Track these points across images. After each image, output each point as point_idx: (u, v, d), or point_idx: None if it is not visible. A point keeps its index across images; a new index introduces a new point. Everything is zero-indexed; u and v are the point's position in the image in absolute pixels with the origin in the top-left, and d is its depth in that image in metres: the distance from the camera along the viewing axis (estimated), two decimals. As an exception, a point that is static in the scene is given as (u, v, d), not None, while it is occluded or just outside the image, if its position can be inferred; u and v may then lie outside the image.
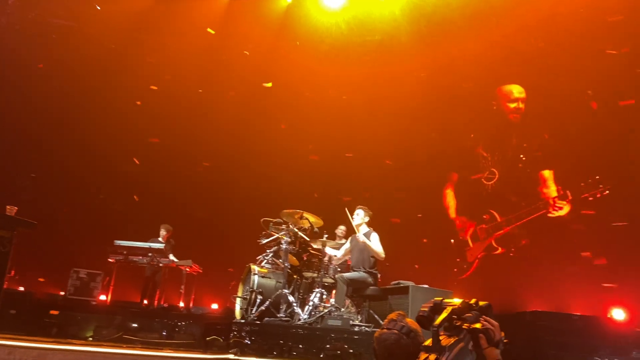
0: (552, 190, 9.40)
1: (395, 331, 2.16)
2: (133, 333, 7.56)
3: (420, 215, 10.75)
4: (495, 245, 10.14)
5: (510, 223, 9.94)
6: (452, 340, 1.92)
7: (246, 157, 11.68)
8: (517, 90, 10.27)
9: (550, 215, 9.27)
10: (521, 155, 9.99)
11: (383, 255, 5.95)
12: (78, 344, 4.35)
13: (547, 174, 9.53)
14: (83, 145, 11.07)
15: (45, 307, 8.02)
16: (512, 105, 10.20)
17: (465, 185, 10.81)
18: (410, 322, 2.22)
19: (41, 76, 10.86)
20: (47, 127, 10.83)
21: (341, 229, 6.65)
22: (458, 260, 10.53)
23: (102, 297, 9.04)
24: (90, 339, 7.22)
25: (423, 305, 2.22)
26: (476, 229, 10.49)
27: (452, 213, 10.92)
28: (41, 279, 10.34)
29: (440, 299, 2.16)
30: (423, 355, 1.92)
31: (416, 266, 9.79)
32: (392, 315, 2.25)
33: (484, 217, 10.35)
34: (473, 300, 2.08)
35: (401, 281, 5.85)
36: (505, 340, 2.01)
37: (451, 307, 2.03)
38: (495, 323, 1.98)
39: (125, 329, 7.60)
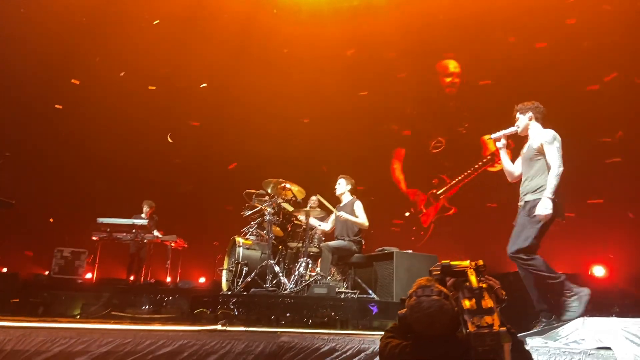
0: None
1: (435, 297, 2.10)
2: (121, 309, 7.57)
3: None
4: (448, 206, 10.46)
5: (459, 182, 10.33)
6: (490, 301, 2.00)
7: (225, 126, 11.57)
8: (452, 65, 10.80)
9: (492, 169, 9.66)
10: (465, 124, 10.38)
11: (366, 224, 6.00)
12: (64, 322, 4.33)
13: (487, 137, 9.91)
14: (62, 123, 10.84)
15: (31, 287, 7.97)
16: (448, 80, 10.79)
17: (413, 157, 11.06)
18: (440, 285, 2.19)
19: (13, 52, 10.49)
20: (23, 105, 10.54)
21: (313, 200, 6.67)
22: (414, 228, 10.79)
23: (88, 275, 9.01)
24: (78, 316, 7.22)
25: (432, 268, 2.27)
26: (428, 196, 10.79)
27: (403, 187, 11.20)
28: (29, 253, 10.23)
29: (448, 261, 2.22)
30: (475, 320, 1.95)
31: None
32: (422, 281, 2.19)
33: (433, 182, 10.73)
34: (481, 262, 2.16)
35: (386, 247, 5.92)
36: (505, 297, 2.08)
37: (470, 269, 2.14)
38: (497, 281, 2.07)
39: (113, 305, 7.60)
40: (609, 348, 3.66)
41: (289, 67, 11.24)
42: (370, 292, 5.62)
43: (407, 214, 10.91)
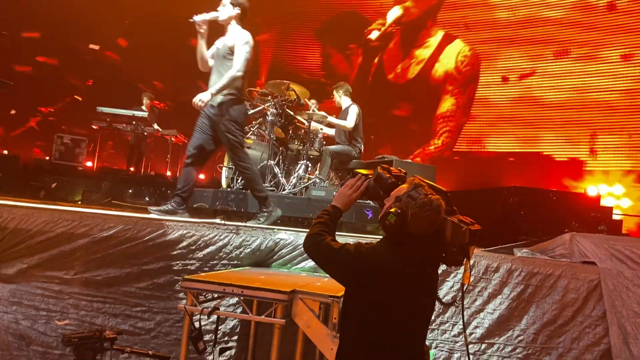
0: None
1: (437, 196, 2.07)
2: (121, 199, 7.74)
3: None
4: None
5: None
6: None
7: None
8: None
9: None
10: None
11: (348, 126, 5.99)
12: (66, 205, 4.42)
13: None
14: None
15: (31, 171, 8.08)
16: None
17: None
18: None
19: None
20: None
21: (313, 102, 6.59)
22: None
23: (88, 164, 9.10)
24: (79, 202, 7.39)
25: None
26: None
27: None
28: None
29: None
30: (460, 217, 2.12)
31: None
32: (417, 180, 2.11)
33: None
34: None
35: (385, 155, 5.94)
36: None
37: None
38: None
39: (113, 194, 7.76)
40: (593, 263, 3.81)
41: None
42: (367, 198, 5.72)
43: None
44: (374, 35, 11.78)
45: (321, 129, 5.95)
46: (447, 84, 11.00)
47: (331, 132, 6.26)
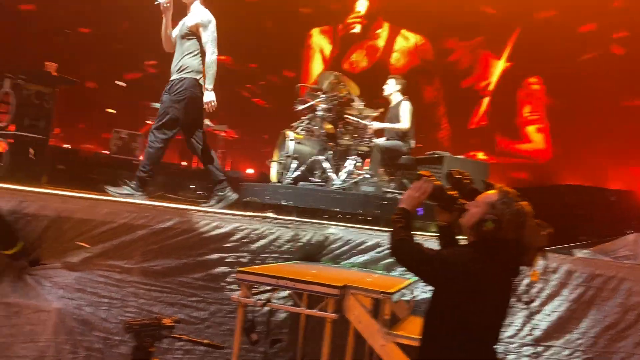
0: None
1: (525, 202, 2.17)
2: (173, 192, 7.97)
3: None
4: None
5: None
6: None
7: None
8: None
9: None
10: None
11: (405, 126, 5.90)
12: (123, 197, 4.59)
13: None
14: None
15: (91, 164, 8.45)
16: None
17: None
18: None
19: None
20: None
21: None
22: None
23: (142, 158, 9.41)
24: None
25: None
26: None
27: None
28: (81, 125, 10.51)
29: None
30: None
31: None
32: (504, 186, 2.20)
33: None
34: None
35: (437, 152, 5.85)
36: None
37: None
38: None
39: (166, 187, 8.00)
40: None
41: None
42: (417, 194, 5.64)
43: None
44: (357, 28, 12.15)
45: (371, 124, 5.90)
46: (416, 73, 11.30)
47: (381, 126, 6.20)
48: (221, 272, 3.86)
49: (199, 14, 4.40)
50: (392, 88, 6.16)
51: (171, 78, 4.48)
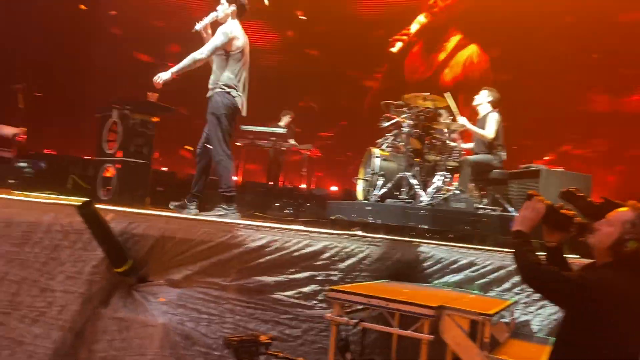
0: None
1: None
2: (262, 211, 8.23)
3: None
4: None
5: None
6: None
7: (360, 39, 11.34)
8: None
9: None
10: None
11: (489, 136, 5.74)
12: (219, 217, 4.80)
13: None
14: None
15: (187, 186, 8.96)
16: None
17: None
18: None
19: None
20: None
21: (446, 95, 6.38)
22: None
23: (234, 178, 9.82)
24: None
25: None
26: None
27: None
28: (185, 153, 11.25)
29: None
30: None
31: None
32: (636, 202, 2.12)
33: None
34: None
35: (532, 165, 5.57)
36: None
37: None
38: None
39: (255, 206, 8.28)
40: None
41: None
42: (512, 210, 5.40)
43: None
44: (397, 47, 11.87)
45: (460, 139, 5.76)
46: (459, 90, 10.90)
47: (468, 146, 6.07)
48: (312, 290, 3.89)
49: (223, 27, 4.66)
50: (482, 99, 6.03)
51: (208, 95, 4.76)
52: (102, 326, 3.53)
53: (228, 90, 4.67)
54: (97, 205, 3.59)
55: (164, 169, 10.34)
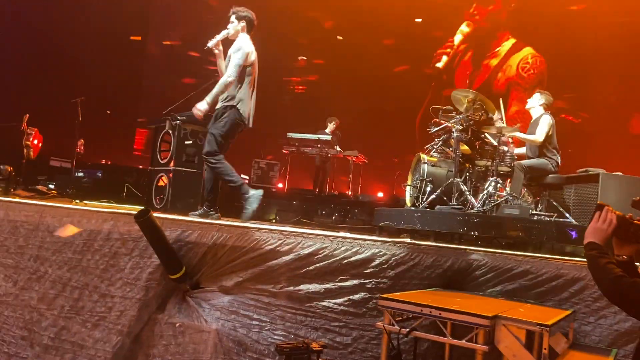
0: None
1: None
2: (309, 217, 8.27)
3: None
4: None
5: None
6: None
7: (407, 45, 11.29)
8: None
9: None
10: None
11: (538, 140, 5.58)
12: (269, 224, 4.88)
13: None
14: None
15: (235, 193, 9.13)
16: None
17: None
18: None
19: None
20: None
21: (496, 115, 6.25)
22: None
23: (280, 185, 9.96)
24: (274, 220, 8.10)
25: None
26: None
27: None
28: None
29: None
30: None
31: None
32: None
33: None
34: None
35: (589, 168, 5.34)
36: None
37: None
38: None
39: (302, 212, 8.34)
40: None
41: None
42: (568, 215, 5.20)
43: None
44: (442, 61, 11.96)
45: (511, 143, 5.61)
46: (511, 90, 11.01)
47: (520, 151, 5.90)
48: (362, 297, 3.87)
49: (236, 43, 4.80)
50: (535, 102, 5.88)
51: (217, 107, 4.85)
52: (158, 331, 3.64)
53: (238, 103, 4.81)
54: (153, 214, 3.71)
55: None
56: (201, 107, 4.70)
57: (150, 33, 12.92)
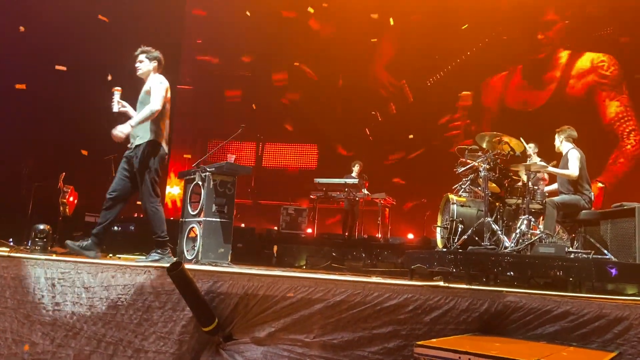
0: None
1: None
2: (340, 262, 8.21)
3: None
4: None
5: None
6: None
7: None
8: None
9: None
10: None
11: (573, 174, 5.48)
12: (299, 272, 4.86)
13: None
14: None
15: (264, 241, 9.18)
16: None
17: None
18: None
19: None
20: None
21: (530, 147, 6.19)
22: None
23: (309, 230, 9.96)
24: (304, 267, 8.06)
25: None
26: None
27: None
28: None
29: None
30: None
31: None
32: None
33: None
34: None
35: (624, 203, 5.19)
36: None
37: None
38: None
39: (332, 257, 8.29)
40: None
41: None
42: (606, 252, 5.03)
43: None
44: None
45: (542, 181, 5.53)
46: (597, 91, 11.05)
47: (552, 188, 5.81)
48: (397, 345, 3.77)
49: (150, 80, 4.92)
50: (558, 142, 5.83)
51: (132, 144, 4.91)
52: (192, 385, 3.60)
53: (159, 139, 4.89)
54: (185, 266, 3.75)
55: (242, 225, 10.67)
56: (124, 129, 4.70)
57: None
